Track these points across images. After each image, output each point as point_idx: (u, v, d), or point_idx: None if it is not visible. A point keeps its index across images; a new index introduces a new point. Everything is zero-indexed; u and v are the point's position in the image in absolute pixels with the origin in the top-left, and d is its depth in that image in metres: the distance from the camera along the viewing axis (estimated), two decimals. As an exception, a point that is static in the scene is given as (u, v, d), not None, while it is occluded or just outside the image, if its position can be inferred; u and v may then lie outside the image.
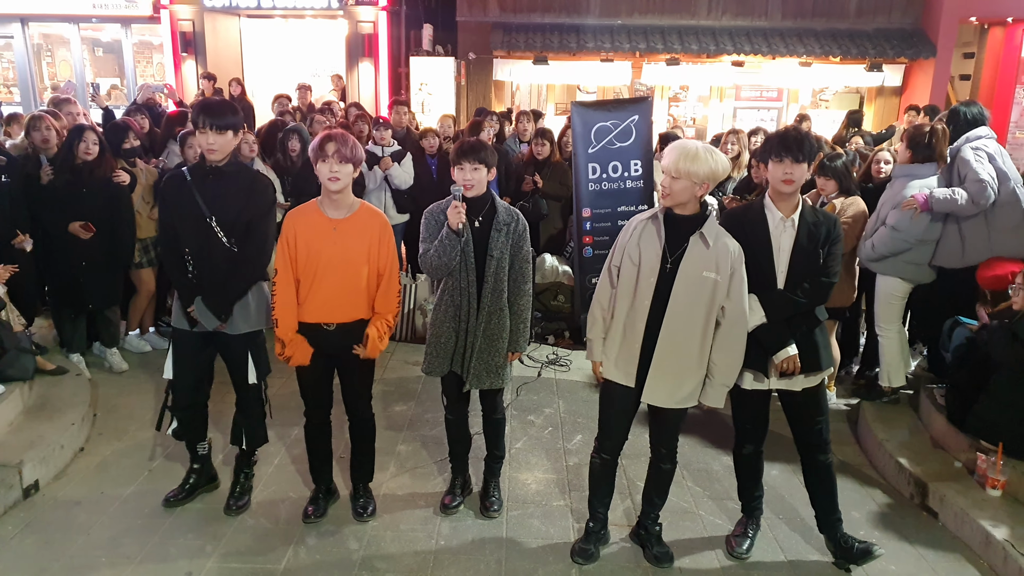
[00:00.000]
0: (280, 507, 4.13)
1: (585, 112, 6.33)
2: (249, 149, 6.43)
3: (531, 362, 6.29)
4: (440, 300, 3.86)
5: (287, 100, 9.34)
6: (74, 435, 4.61)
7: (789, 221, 3.45)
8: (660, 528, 3.85)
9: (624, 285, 3.45)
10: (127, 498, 4.16)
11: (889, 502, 4.38)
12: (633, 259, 3.41)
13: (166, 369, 3.92)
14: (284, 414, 5.07)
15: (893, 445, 4.67)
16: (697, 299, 3.33)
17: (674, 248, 3.36)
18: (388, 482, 4.40)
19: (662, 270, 3.35)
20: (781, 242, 3.46)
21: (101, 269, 5.53)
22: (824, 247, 3.45)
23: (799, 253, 3.44)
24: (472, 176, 3.70)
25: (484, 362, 3.85)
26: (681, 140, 3.51)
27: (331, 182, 3.54)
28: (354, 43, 14.07)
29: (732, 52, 12.89)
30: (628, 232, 3.48)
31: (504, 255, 3.77)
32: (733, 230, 3.47)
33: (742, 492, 3.92)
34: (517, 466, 4.64)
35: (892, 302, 5.04)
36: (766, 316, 3.46)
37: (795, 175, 3.37)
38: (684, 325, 3.36)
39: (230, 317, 3.78)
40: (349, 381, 3.90)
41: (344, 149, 3.52)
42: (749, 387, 3.60)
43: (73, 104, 6.70)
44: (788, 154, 3.35)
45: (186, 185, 3.69)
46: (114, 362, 5.84)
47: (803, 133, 3.47)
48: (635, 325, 3.42)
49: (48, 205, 5.33)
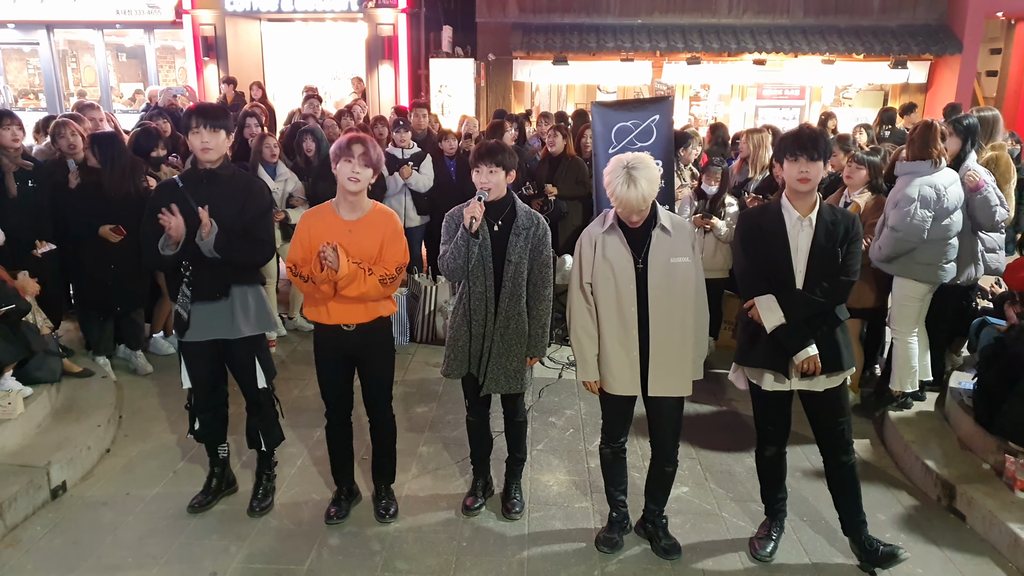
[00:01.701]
0: (303, 508, 4.16)
1: (605, 112, 6.32)
2: (271, 153, 6.49)
3: (552, 364, 6.29)
4: (459, 303, 3.88)
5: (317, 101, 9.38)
6: (100, 436, 4.68)
7: (807, 220, 3.45)
8: (666, 520, 3.88)
9: (605, 300, 3.54)
10: (152, 499, 4.21)
11: (915, 504, 4.34)
12: (606, 274, 3.50)
13: (183, 379, 3.95)
14: (306, 416, 5.11)
15: (919, 447, 4.62)
16: (672, 285, 3.47)
17: (639, 247, 3.48)
18: (410, 483, 4.43)
19: (636, 271, 3.47)
20: (799, 242, 3.46)
21: (129, 272, 5.58)
22: (843, 246, 3.44)
23: (817, 252, 3.43)
24: (489, 179, 3.70)
25: (501, 366, 3.86)
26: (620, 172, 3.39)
27: (351, 182, 3.56)
28: (374, 46, 14.14)
29: (753, 50, 12.82)
30: (591, 248, 3.56)
31: (523, 260, 3.77)
32: (749, 231, 3.52)
33: (765, 494, 3.91)
34: (539, 468, 4.65)
35: (906, 303, 4.96)
36: (785, 316, 3.45)
37: (811, 173, 3.37)
38: (668, 313, 3.49)
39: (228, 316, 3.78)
40: (369, 382, 3.92)
41: (372, 153, 3.56)
42: (770, 388, 3.59)
43: (96, 109, 6.80)
44: (803, 153, 3.35)
45: (179, 192, 3.67)
46: (139, 364, 5.91)
47: (817, 131, 3.48)
48: (628, 332, 3.52)
49: (77, 209, 5.39)
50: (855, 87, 13.98)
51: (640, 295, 3.49)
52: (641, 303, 3.49)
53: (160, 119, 7.40)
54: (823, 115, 10.01)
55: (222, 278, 3.75)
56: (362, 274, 3.57)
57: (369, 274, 3.59)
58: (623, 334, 3.52)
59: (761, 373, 3.60)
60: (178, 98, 10.30)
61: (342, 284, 3.55)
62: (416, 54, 14.41)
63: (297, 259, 3.64)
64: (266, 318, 3.93)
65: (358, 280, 3.56)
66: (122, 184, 5.37)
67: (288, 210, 6.50)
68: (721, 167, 6.10)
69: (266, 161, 6.49)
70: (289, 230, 6.53)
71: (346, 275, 3.51)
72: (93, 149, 5.38)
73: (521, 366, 3.90)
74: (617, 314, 3.52)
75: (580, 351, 3.64)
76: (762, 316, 3.48)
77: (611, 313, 3.53)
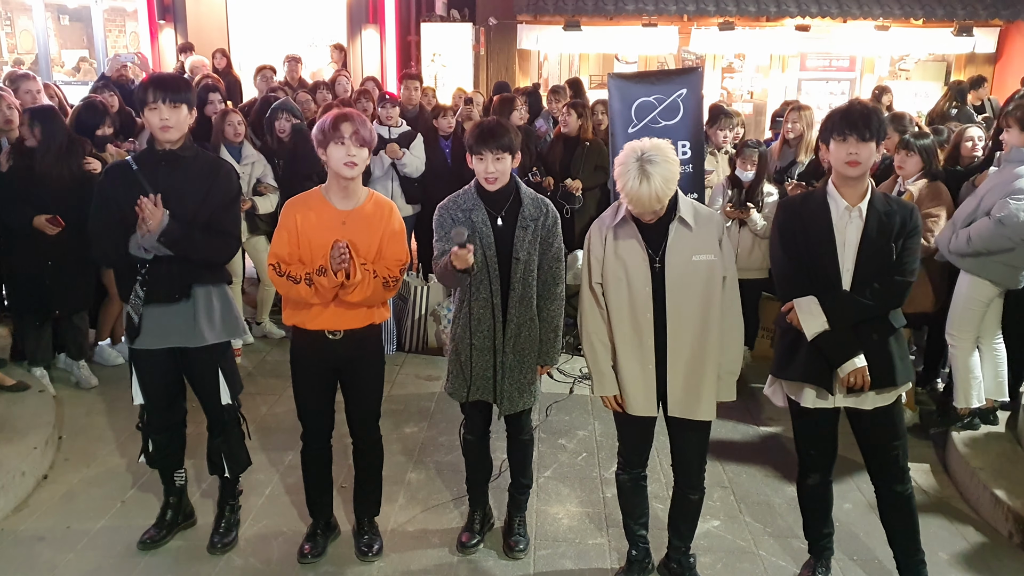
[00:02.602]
0: (272, 544, 4.15)
1: (624, 86, 6.31)
2: (235, 132, 6.48)
3: (562, 377, 6.28)
4: (460, 311, 3.86)
5: (271, 72, 9.31)
6: (36, 461, 4.67)
7: (856, 211, 3.42)
8: (694, 560, 3.87)
9: (617, 304, 3.52)
10: (97, 533, 4.20)
11: (983, 541, 4.33)
12: (618, 275, 3.48)
13: (134, 394, 3.92)
14: (277, 437, 5.11)
15: (988, 474, 4.61)
16: (693, 287, 3.43)
17: (656, 244, 3.44)
18: (397, 516, 4.42)
19: (652, 272, 3.44)
20: (847, 235, 3.43)
21: (70, 269, 5.57)
22: (898, 240, 3.40)
23: (868, 248, 3.41)
24: (496, 167, 3.65)
25: (516, 381, 3.85)
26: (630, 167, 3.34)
27: (348, 167, 3.55)
28: (356, 8, 14.15)
29: (796, 14, 12.79)
30: (600, 243, 3.53)
31: (532, 256, 3.76)
32: (790, 222, 3.51)
33: (808, 529, 3.89)
34: (546, 498, 4.64)
35: (972, 307, 4.95)
36: (828, 322, 3.43)
37: (861, 156, 3.34)
38: (688, 320, 3.45)
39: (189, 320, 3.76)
40: (354, 398, 3.92)
41: (363, 131, 3.54)
42: (811, 405, 3.57)
43: (32, 80, 6.78)
44: (853, 131, 3.32)
45: (132, 176, 3.64)
46: (82, 376, 5.90)
47: (870, 107, 3.44)
48: (643, 342, 3.49)
49: (8, 196, 5.38)
50: (913, 57, 13.97)
51: (657, 299, 3.46)
52: (658, 308, 3.46)
53: (106, 91, 7.37)
54: (877, 89, 9.99)
55: (183, 276, 3.73)
56: (369, 276, 3.57)
57: (375, 276, 3.59)
58: (636, 344, 3.50)
59: (801, 388, 3.58)
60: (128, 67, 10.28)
61: (348, 290, 3.55)
62: (405, 18, 14.40)
63: (283, 255, 3.63)
64: (233, 323, 3.93)
65: (363, 284, 3.56)
66: (56, 166, 5.35)
67: (256, 198, 6.50)
68: (758, 149, 6.09)
69: (230, 141, 6.48)
70: (256, 221, 6.53)
71: (355, 281, 3.51)
72: (32, 126, 5.37)
73: (533, 376, 3.90)
74: (630, 321, 3.50)
75: (595, 362, 3.63)
76: (802, 321, 3.46)
77: (624, 320, 3.51)
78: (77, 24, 16.16)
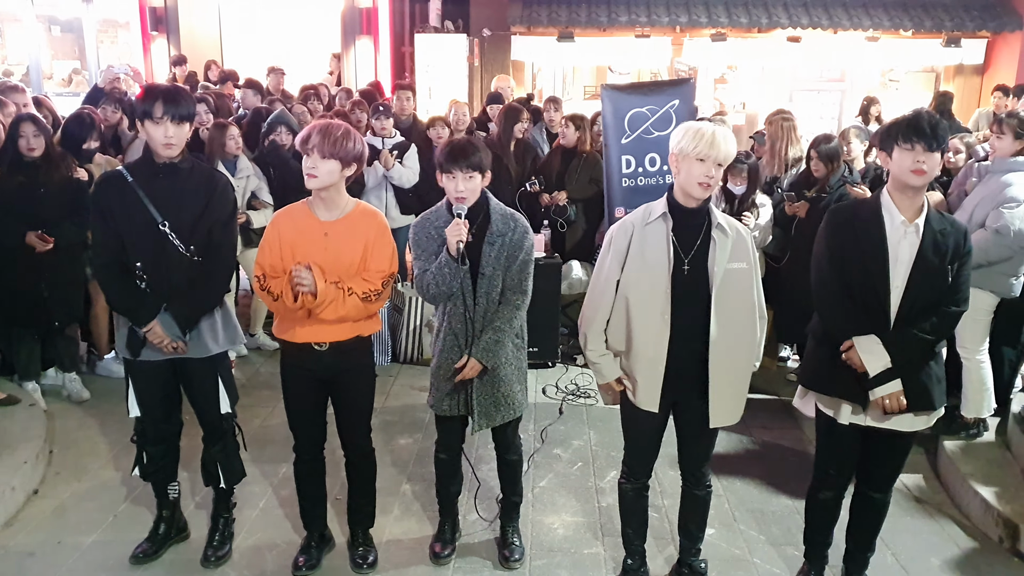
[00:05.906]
0: (266, 557, 4.14)
1: (617, 96, 6.34)
2: (235, 144, 6.46)
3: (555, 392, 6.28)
4: (439, 326, 3.86)
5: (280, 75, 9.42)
6: (27, 475, 4.65)
7: (912, 227, 3.32)
8: (705, 565, 3.87)
9: (636, 301, 3.43)
10: (89, 548, 4.18)
11: (973, 546, 4.34)
12: (639, 271, 3.42)
13: (130, 407, 3.89)
14: (270, 449, 5.09)
15: (979, 480, 4.64)
16: (734, 295, 3.38)
17: (687, 246, 3.38)
18: (391, 527, 4.41)
19: (678, 274, 3.37)
20: (899, 251, 3.33)
21: (64, 281, 5.55)
22: (952, 264, 3.31)
23: (921, 266, 3.30)
24: (466, 187, 3.63)
25: (489, 394, 3.83)
26: (697, 124, 3.40)
27: (308, 179, 3.55)
28: (350, 19, 14.16)
29: (787, 25, 12.85)
30: (625, 239, 3.47)
31: (497, 271, 3.72)
32: (841, 232, 3.42)
33: (808, 538, 3.90)
34: (542, 508, 4.63)
35: (978, 318, 4.97)
36: (892, 360, 3.32)
37: (928, 165, 3.23)
38: (732, 330, 3.39)
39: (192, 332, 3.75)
40: (346, 410, 3.91)
41: (325, 144, 3.49)
42: (846, 421, 3.49)
43: (21, 92, 6.75)
44: (920, 139, 3.22)
45: (128, 188, 3.63)
46: (74, 389, 5.86)
47: (936, 117, 3.36)
48: (659, 342, 3.41)
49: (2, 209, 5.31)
50: (901, 68, 14.02)
51: (676, 304, 3.37)
52: (678, 313, 3.38)
53: (109, 106, 7.29)
54: (866, 100, 10.05)
55: (196, 312, 3.75)
56: (342, 295, 3.55)
57: (349, 294, 3.56)
58: (649, 342, 3.42)
59: (839, 403, 3.50)
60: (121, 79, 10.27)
61: (318, 309, 3.54)
62: (399, 29, 14.43)
63: (266, 267, 3.63)
64: (233, 332, 3.94)
65: (336, 303, 3.55)
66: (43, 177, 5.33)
67: (250, 212, 6.49)
68: (747, 164, 6.08)
69: (226, 154, 6.44)
70: (251, 234, 6.51)
71: (323, 301, 3.51)
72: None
73: (511, 388, 3.86)
74: (645, 319, 3.41)
75: (594, 352, 3.58)
76: (864, 361, 3.35)
77: (640, 318, 3.42)
78: (68, 35, 16.12)
